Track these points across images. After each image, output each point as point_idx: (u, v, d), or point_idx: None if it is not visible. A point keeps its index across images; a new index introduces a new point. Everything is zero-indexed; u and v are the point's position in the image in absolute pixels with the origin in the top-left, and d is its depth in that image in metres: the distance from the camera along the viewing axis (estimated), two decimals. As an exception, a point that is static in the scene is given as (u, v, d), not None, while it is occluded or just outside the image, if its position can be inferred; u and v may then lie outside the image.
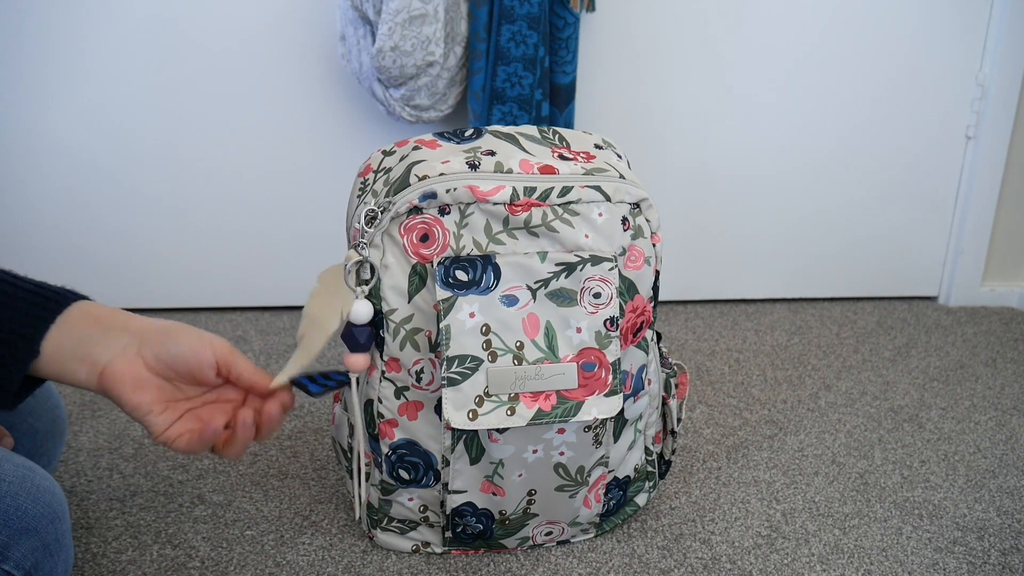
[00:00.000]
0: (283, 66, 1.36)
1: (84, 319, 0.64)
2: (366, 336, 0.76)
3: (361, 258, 0.75)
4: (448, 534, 0.84)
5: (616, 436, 0.83)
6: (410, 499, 0.83)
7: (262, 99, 1.37)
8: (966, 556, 0.90)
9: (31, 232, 1.40)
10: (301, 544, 0.88)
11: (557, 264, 0.75)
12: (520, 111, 1.28)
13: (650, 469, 0.91)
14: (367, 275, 0.76)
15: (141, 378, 0.64)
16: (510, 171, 0.76)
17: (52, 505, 0.65)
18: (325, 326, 0.74)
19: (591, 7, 1.29)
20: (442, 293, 0.74)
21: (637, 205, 0.79)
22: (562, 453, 0.79)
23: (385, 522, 0.86)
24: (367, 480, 0.86)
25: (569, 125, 1.32)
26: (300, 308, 1.50)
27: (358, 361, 0.76)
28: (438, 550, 0.87)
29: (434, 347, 0.76)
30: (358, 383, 0.82)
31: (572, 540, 0.89)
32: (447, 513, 0.82)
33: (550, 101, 1.31)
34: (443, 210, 0.75)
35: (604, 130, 1.45)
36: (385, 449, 0.81)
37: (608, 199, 0.77)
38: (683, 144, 1.48)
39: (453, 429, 0.77)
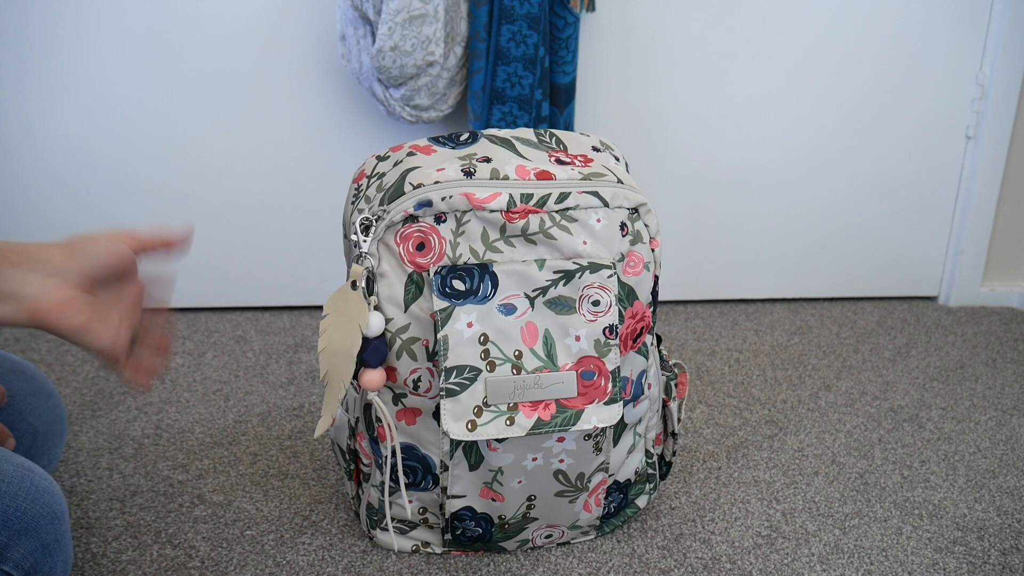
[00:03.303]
0: (283, 66, 1.36)
1: None
2: (383, 350, 0.75)
3: (368, 269, 0.74)
4: (447, 536, 0.84)
5: (616, 441, 0.83)
6: (409, 501, 0.83)
7: (262, 99, 1.37)
8: (966, 556, 0.90)
9: (32, 230, 1.40)
10: (301, 544, 0.88)
11: (555, 272, 0.75)
12: (520, 111, 1.28)
13: (651, 471, 0.91)
14: (374, 285, 0.75)
15: (74, 301, 0.64)
16: (506, 177, 0.75)
17: (51, 505, 0.65)
18: (351, 350, 0.73)
19: (591, 7, 1.29)
20: (439, 303, 0.73)
21: (635, 210, 0.79)
22: (562, 460, 0.79)
23: (384, 522, 0.86)
24: (367, 481, 0.86)
25: (569, 125, 1.32)
26: (300, 308, 1.50)
27: (374, 378, 0.75)
28: (438, 550, 0.87)
29: (432, 356, 0.76)
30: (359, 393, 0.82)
31: (572, 541, 0.90)
32: (446, 517, 0.82)
33: (550, 101, 1.31)
34: (439, 218, 0.74)
35: (604, 130, 1.45)
36: (385, 452, 0.80)
37: (606, 205, 0.77)
38: (683, 144, 1.48)
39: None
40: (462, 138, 0.81)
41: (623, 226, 0.78)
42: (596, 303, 0.76)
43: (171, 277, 0.72)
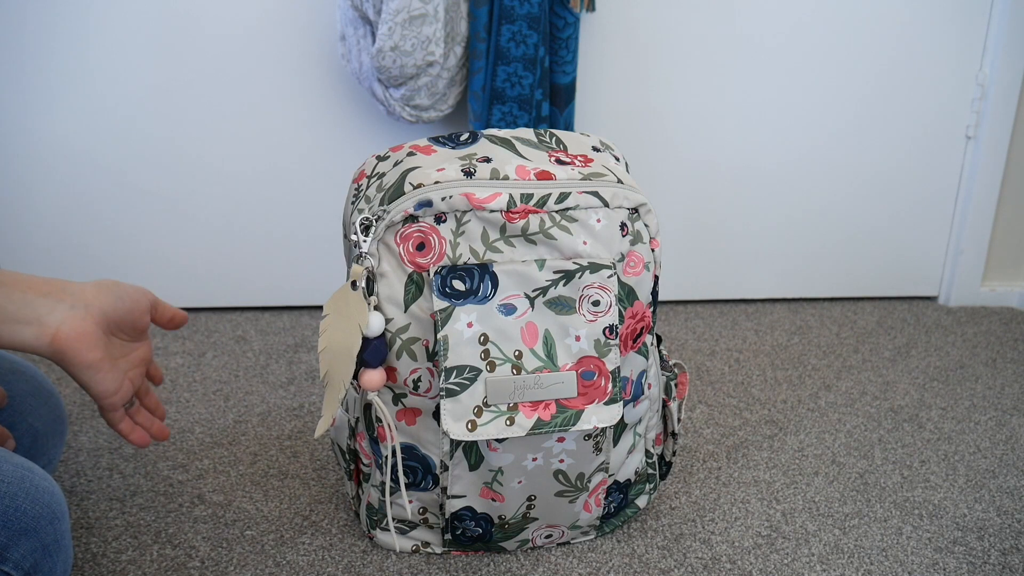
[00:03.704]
0: (283, 66, 1.36)
1: (13, 284, 0.65)
2: (383, 350, 0.75)
3: (368, 269, 0.74)
4: (447, 536, 0.84)
5: (616, 441, 0.83)
6: (409, 501, 0.83)
7: (262, 99, 1.37)
8: (966, 556, 0.90)
9: (31, 230, 1.40)
10: (301, 544, 0.88)
11: (555, 272, 0.75)
12: (520, 111, 1.28)
13: (651, 471, 0.91)
14: (374, 285, 0.75)
15: (92, 336, 0.66)
16: (506, 178, 0.75)
17: (51, 505, 0.65)
18: (351, 350, 0.73)
19: (591, 7, 1.29)
20: (439, 303, 0.73)
21: (635, 210, 0.79)
22: (562, 460, 0.79)
23: (385, 522, 0.86)
24: (367, 481, 0.86)
25: (569, 125, 1.32)
26: (300, 308, 1.50)
27: (374, 378, 0.75)
28: (438, 550, 0.87)
29: (432, 356, 0.76)
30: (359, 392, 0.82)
31: (572, 541, 0.90)
32: (446, 517, 0.82)
33: (550, 101, 1.31)
34: (439, 218, 0.74)
35: (604, 130, 1.45)
36: (385, 452, 0.80)
37: (606, 205, 0.77)
38: (683, 144, 1.48)
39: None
40: (462, 138, 0.81)
41: (623, 226, 0.78)
42: (596, 303, 0.76)
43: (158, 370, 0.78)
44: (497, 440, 0.76)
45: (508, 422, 0.74)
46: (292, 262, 1.47)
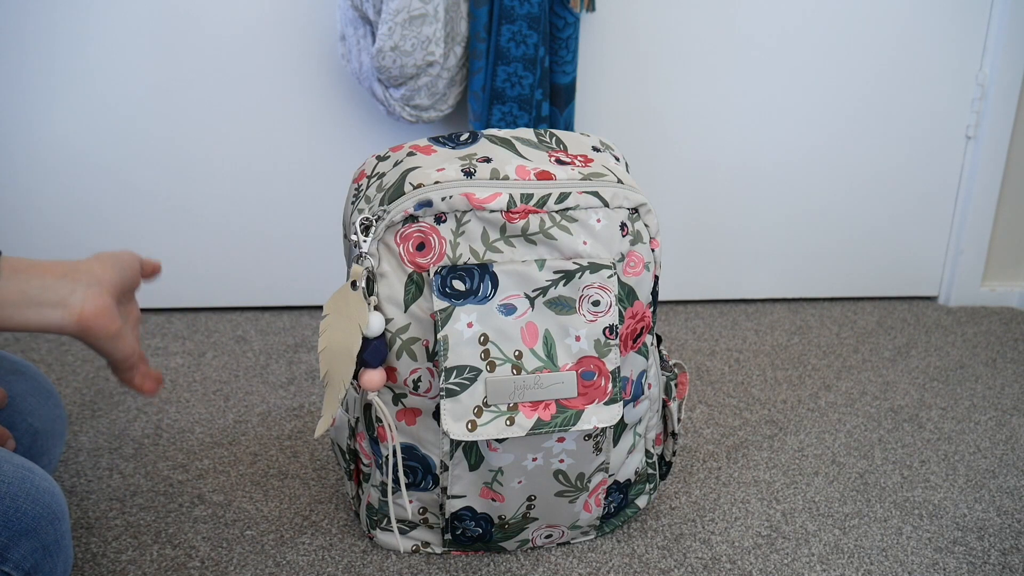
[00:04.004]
0: (283, 66, 1.36)
1: (30, 271, 0.68)
2: (383, 350, 0.75)
3: (368, 269, 0.75)
4: (447, 536, 0.84)
5: (616, 441, 0.83)
6: (410, 501, 0.83)
7: (262, 99, 1.37)
8: (966, 556, 0.90)
9: (31, 230, 1.40)
10: (301, 544, 0.88)
11: (555, 272, 0.75)
12: (520, 111, 1.28)
13: (651, 471, 0.91)
14: (374, 285, 0.75)
15: (111, 308, 0.70)
16: (506, 178, 0.75)
17: (51, 506, 0.65)
18: (351, 349, 0.73)
19: (591, 7, 1.29)
20: (439, 303, 0.73)
21: (635, 210, 0.79)
22: (562, 460, 0.79)
23: (385, 522, 0.86)
24: (367, 481, 0.86)
25: (569, 125, 1.32)
26: (300, 308, 1.50)
27: (374, 378, 0.75)
28: (438, 550, 0.87)
29: (432, 356, 0.76)
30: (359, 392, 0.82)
31: (572, 541, 0.90)
32: (446, 517, 0.82)
33: (550, 101, 1.31)
34: (439, 218, 0.74)
35: (604, 130, 1.45)
36: (385, 452, 0.80)
37: (606, 205, 0.77)
38: (683, 144, 1.48)
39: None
40: (462, 138, 0.81)
41: (623, 226, 0.78)
42: (596, 303, 0.76)
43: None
44: (497, 440, 0.76)
45: (508, 422, 0.74)
46: (292, 262, 1.47)
